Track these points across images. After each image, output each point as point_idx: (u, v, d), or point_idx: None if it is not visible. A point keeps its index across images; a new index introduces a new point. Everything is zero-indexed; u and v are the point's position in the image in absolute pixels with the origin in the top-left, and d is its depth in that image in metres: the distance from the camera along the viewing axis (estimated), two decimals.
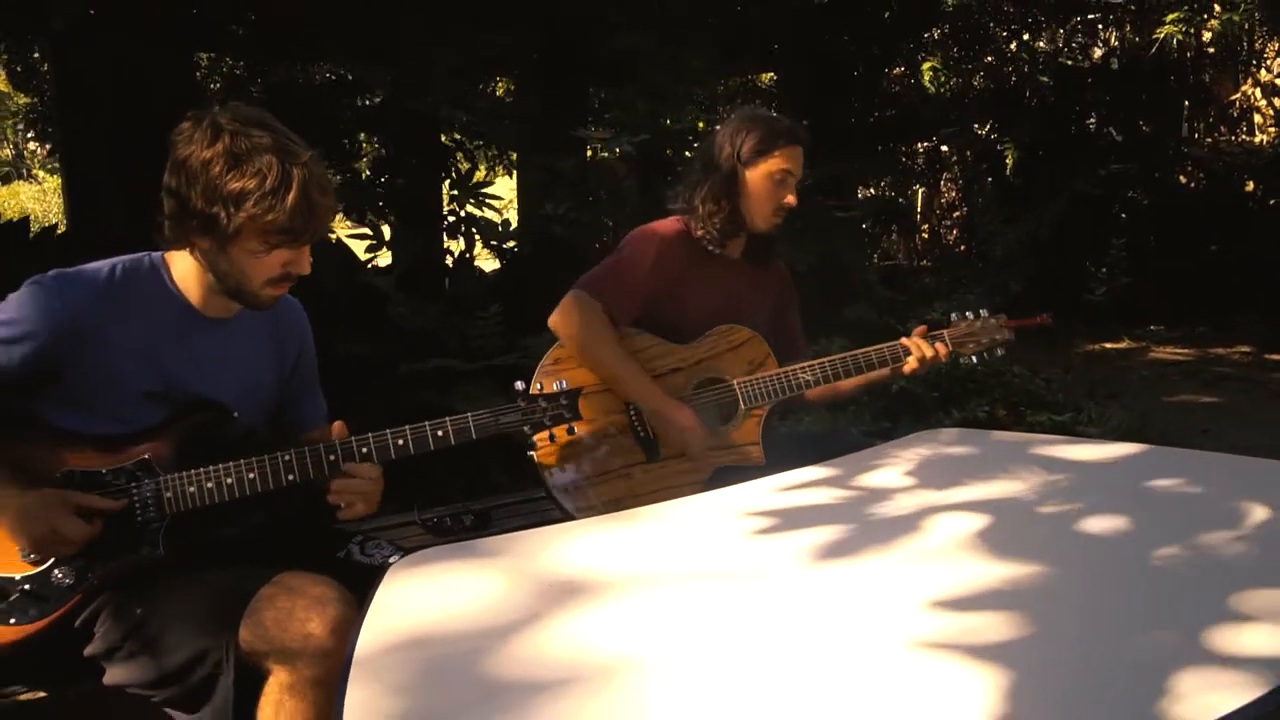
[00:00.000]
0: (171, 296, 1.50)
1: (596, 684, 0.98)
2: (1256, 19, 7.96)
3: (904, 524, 1.39)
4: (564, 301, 1.98)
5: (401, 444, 1.56)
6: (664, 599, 1.19)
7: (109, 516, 1.43)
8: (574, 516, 1.90)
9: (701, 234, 2.06)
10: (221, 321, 1.55)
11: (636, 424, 2.00)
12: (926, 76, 8.56)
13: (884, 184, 9.80)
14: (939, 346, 2.08)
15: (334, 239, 4.22)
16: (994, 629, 1.04)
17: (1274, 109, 9.74)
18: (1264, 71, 9.70)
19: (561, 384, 1.70)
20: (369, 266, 4.42)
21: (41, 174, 13.38)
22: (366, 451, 1.54)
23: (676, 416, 1.96)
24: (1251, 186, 8.91)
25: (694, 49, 5.49)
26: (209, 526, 1.53)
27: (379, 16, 5.05)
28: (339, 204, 1.50)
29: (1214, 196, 8.54)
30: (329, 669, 1.33)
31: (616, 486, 1.94)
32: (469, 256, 4.79)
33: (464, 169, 5.07)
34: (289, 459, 1.51)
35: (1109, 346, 6.82)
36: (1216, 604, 1.06)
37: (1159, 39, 7.43)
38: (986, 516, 1.39)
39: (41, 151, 17.84)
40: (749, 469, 1.95)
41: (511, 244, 4.78)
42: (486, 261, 5.08)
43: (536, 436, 1.69)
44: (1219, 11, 7.61)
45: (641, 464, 1.99)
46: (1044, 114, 8.70)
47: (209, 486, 1.48)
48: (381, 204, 5.02)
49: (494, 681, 0.99)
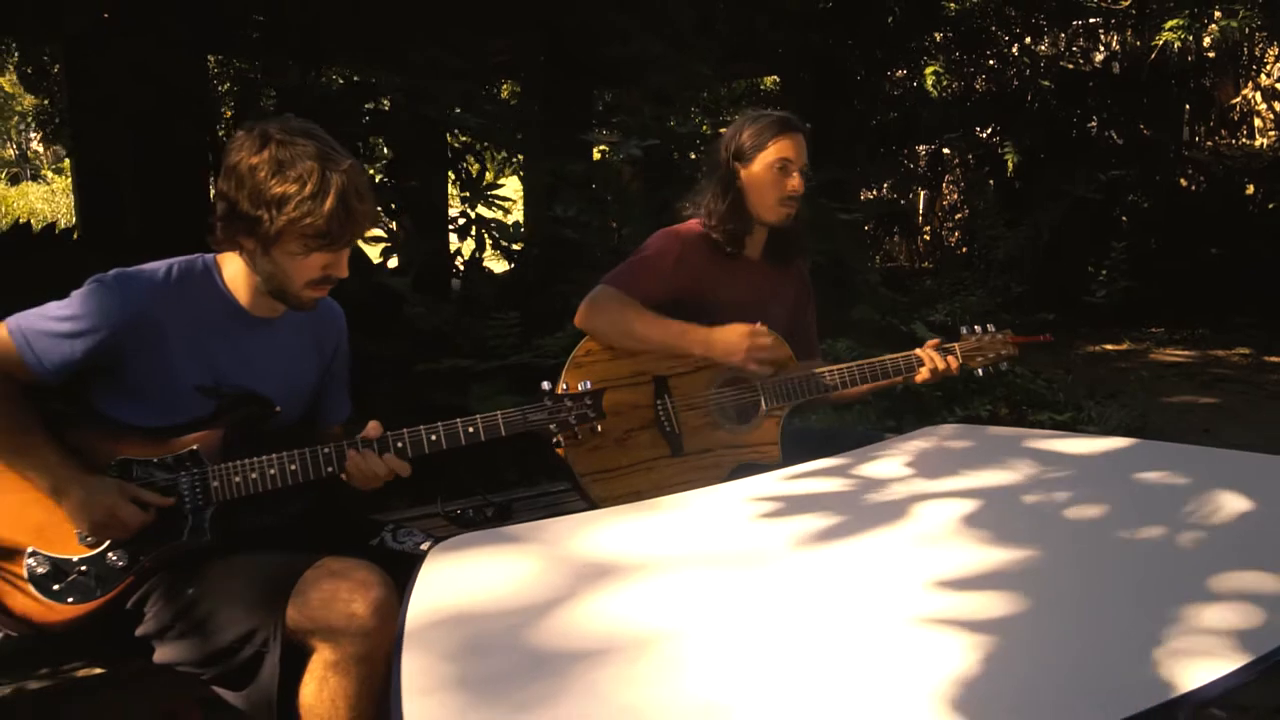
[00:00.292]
0: (222, 296, 1.58)
1: (631, 653, 1.06)
2: (1256, 24, 8.03)
3: (905, 510, 1.47)
4: (590, 296, 2.02)
5: (435, 439, 1.63)
6: (687, 578, 1.27)
7: (161, 504, 1.51)
8: (597, 507, 1.96)
9: (716, 237, 2.12)
10: (268, 321, 1.63)
11: (663, 418, 2.05)
12: (930, 81, 8.63)
13: (886, 186, 9.87)
14: (950, 359, 2.17)
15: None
16: (988, 605, 1.12)
17: (1274, 113, 9.82)
18: (1264, 76, 9.77)
19: (586, 384, 1.77)
20: (383, 268, 4.50)
21: (50, 174, 13.47)
22: (401, 446, 1.62)
23: (734, 339, 2.00)
24: (1251, 190, 8.98)
25: (699, 54, 5.57)
26: (252, 514, 1.61)
27: (386, 21, 5.13)
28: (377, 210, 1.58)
29: (1214, 200, 8.62)
30: (371, 647, 1.42)
31: (641, 479, 1.99)
32: (480, 257, 4.87)
33: (475, 171, 5.14)
34: (328, 452, 1.59)
35: (1109, 348, 6.89)
36: (1199, 584, 1.14)
37: (1159, 44, 7.51)
38: (982, 503, 1.47)
39: (46, 153, 17.96)
40: (766, 465, 2.01)
41: (518, 245, 4.85)
42: (492, 262, 5.15)
43: (563, 434, 1.76)
44: (1219, 17, 7.68)
45: (666, 457, 2.04)
46: (1045, 118, 8.79)
47: (253, 476, 1.56)
48: (393, 205, 5.10)
49: (536, 651, 1.07)
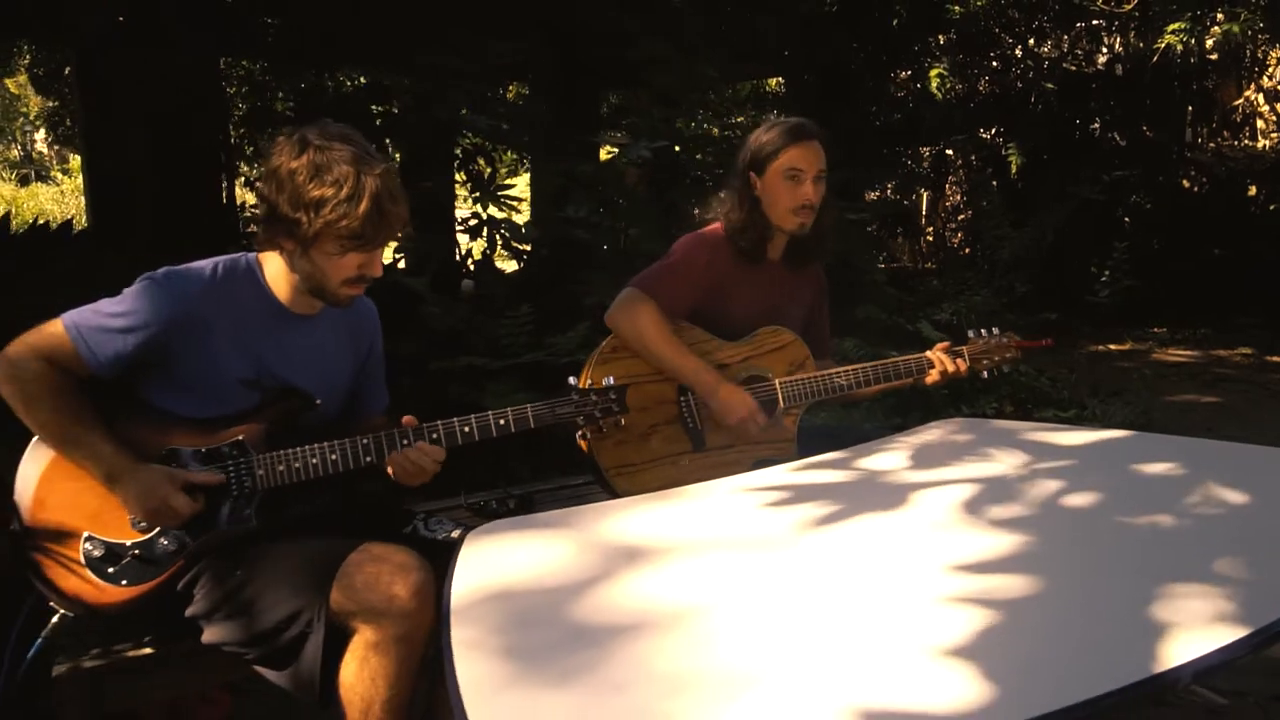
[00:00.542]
0: (264, 293, 1.66)
1: (664, 627, 1.13)
2: (1258, 27, 8.09)
3: (916, 498, 1.55)
4: (620, 299, 2.09)
5: (468, 431, 1.71)
6: (713, 560, 1.34)
7: (212, 490, 1.59)
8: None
9: (738, 244, 2.17)
10: (307, 318, 1.70)
11: (686, 414, 2.13)
12: (934, 83, 8.70)
13: (889, 187, 9.94)
14: (959, 362, 2.25)
15: None
16: (995, 583, 1.19)
17: (1276, 114, 9.87)
18: (1266, 78, 9.82)
19: (609, 380, 1.85)
20: (394, 268, 4.57)
21: (60, 175, 13.57)
22: (436, 437, 1.69)
23: (736, 404, 2.07)
24: (1254, 191, 9.05)
25: (705, 56, 5.64)
26: (294, 502, 1.68)
27: (396, 24, 5.20)
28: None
29: (1217, 201, 8.68)
30: (410, 628, 1.50)
31: (664, 473, 2.06)
32: (491, 257, 4.95)
33: (486, 173, 5.21)
34: (367, 442, 1.66)
35: (1112, 348, 6.95)
36: (1195, 565, 1.21)
37: (1162, 47, 7.57)
38: (989, 491, 1.55)
39: (50, 153, 18.04)
40: (783, 460, 2.09)
41: (526, 246, 4.91)
42: (500, 262, 5.22)
43: (588, 427, 1.83)
44: (1221, 20, 7.74)
45: (688, 452, 2.12)
46: (1049, 119, 8.86)
47: (296, 466, 1.63)
48: None
49: (576, 625, 1.15)
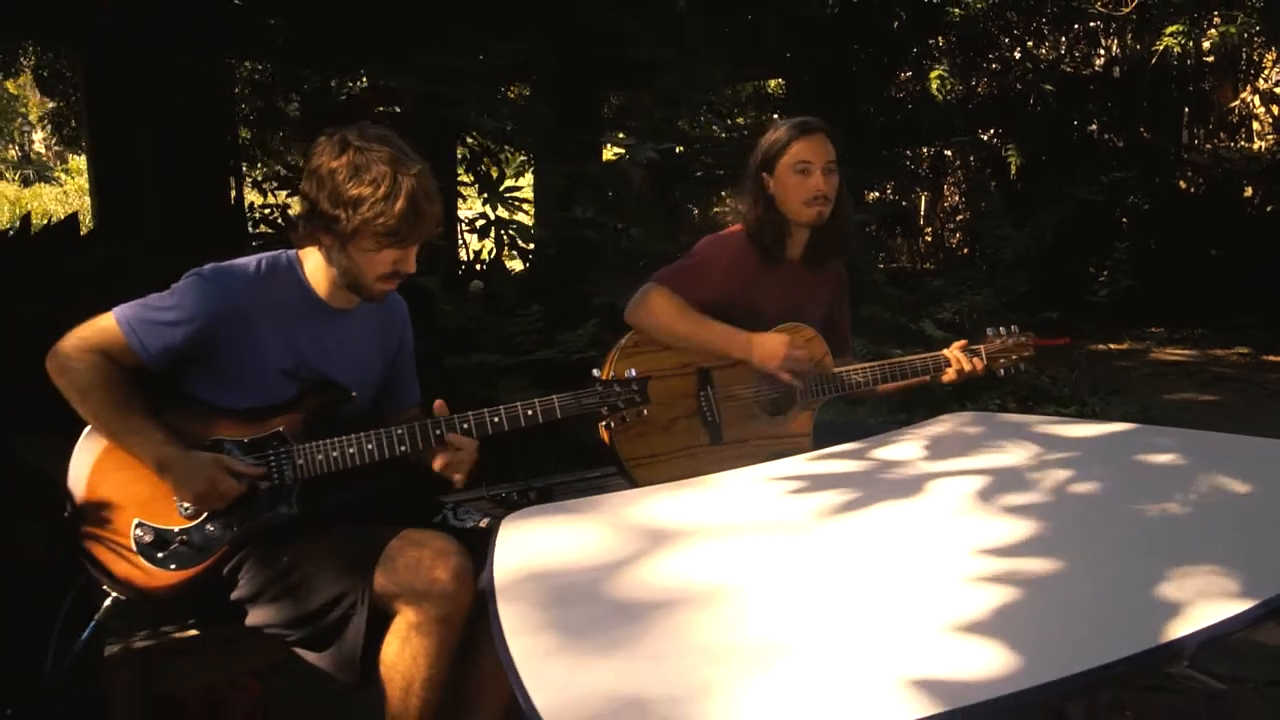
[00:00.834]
0: (303, 288, 1.73)
1: (698, 603, 1.20)
2: (1255, 30, 8.18)
3: (928, 486, 1.61)
4: (640, 294, 2.15)
5: (497, 421, 1.78)
6: (740, 542, 1.41)
7: (254, 479, 1.65)
8: None
9: (759, 243, 2.22)
10: (343, 312, 1.77)
11: (704, 408, 2.19)
12: (934, 84, 8.78)
13: (888, 188, 10.01)
14: (976, 361, 2.28)
15: None
16: (1007, 563, 1.25)
17: (1272, 116, 9.97)
18: (1262, 80, 9.92)
19: (632, 372, 1.92)
20: None
21: (63, 176, 13.61)
22: (467, 428, 1.76)
23: (772, 345, 2.11)
24: (1250, 192, 9.14)
25: (709, 59, 5.70)
26: (332, 491, 1.75)
27: (401, 26, 5.25)
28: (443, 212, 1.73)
29: (1213, 202, 8.77)
30: (451, 610, 1.57)
31: (682, 466, 2.11)
32: (501, 257, 5.02)
33: (494, 174, 5.27)
34: (401, 433, 1.73)
35: (1111, 347, 7.03)
36: (1198, 547, 1.28)
37: (1160, 49, 7.66)
38: (998, 480, 1.61)
39: (48, 154, 18.06)
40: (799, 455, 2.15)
41: (530, 245, 4.98)
42: (506, 262, 5.28)
43: (612, 417, 1.90)
44: (1218, 23, 7.84)
45: (706, 445, 2.18)
46: (1047, 120, 8.95)
47: (334, 455, 1.70)
48: None
49: (614, 602, 1.21)
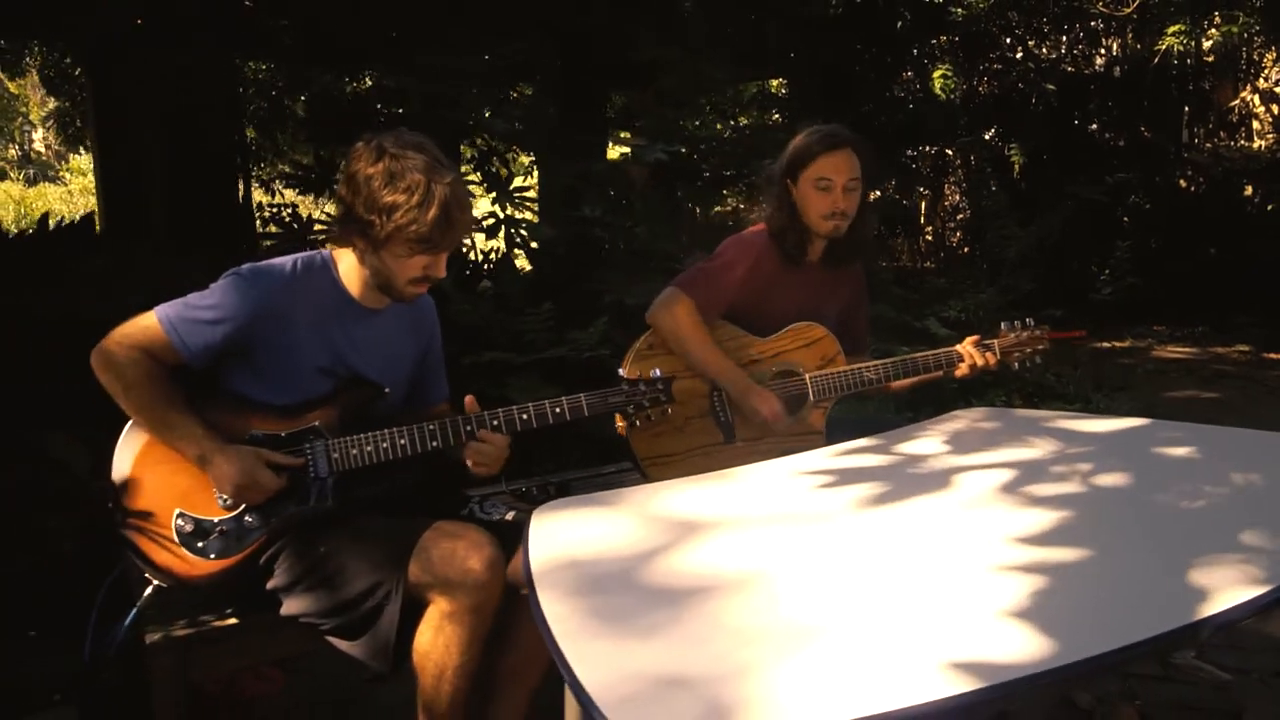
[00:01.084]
0: (338, 288, 1.78)
1: (730, 589, 1.25)
2: (1255, 29, 8.23)
3: (949, 478, 1.66)
4: (661, 298, 2.20)
5: (526, 418, 1.83)
6: (765, 532, 1.46)
7: (291, 472, 1.70)
8: None
9: (780, 246, 2.26)
10: (375, 311, 1.82)
11: (718, 409, 2.24)
12: (937, 84, 8.83)
13: (889, 187, 10.05)
14: (989, 355, 2.31)
15: None
16: (1030, 550, 1.30)
17: (1272, 115, 10.01)
18: (1262, 79, 9.97)
19: (657, 372, 1.96)
20: None
21: (67, 175, 13.65)
22: (496, 424, 1.81)
23: (761, 404, 2.18)
24: (1250, 191, 9.18)
25: (713, 60, 5.75)
26: (364, 485, 1.80)
27: (400, 25, 5.29)
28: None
29: (1213, 201, 8.82)
30: (483, 599, 1.62)
31: (696, 464, 2.16)
32: (511, 256, 5.07)
33: (503, 174, 5.33)
34: (433, 428, 1.78)
35: (1114, 345, 7.09)
36: (1214, 536, 1.33)
37: (1162, 49, 7.71)
38: (1017, 472, 1.66)
39: (48, 153, 18.09)
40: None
41: (534, 244, 5.02)
42: (515, 261, 5.33)
43: (637, 416, 1.95)
44: (1219, 23, 7.88)
45: (719, 445, 2.23)
46: (1049, 120, 8.99)
47: (368, 449, 1.75)
48: None
49: (649, 588, 1.26)
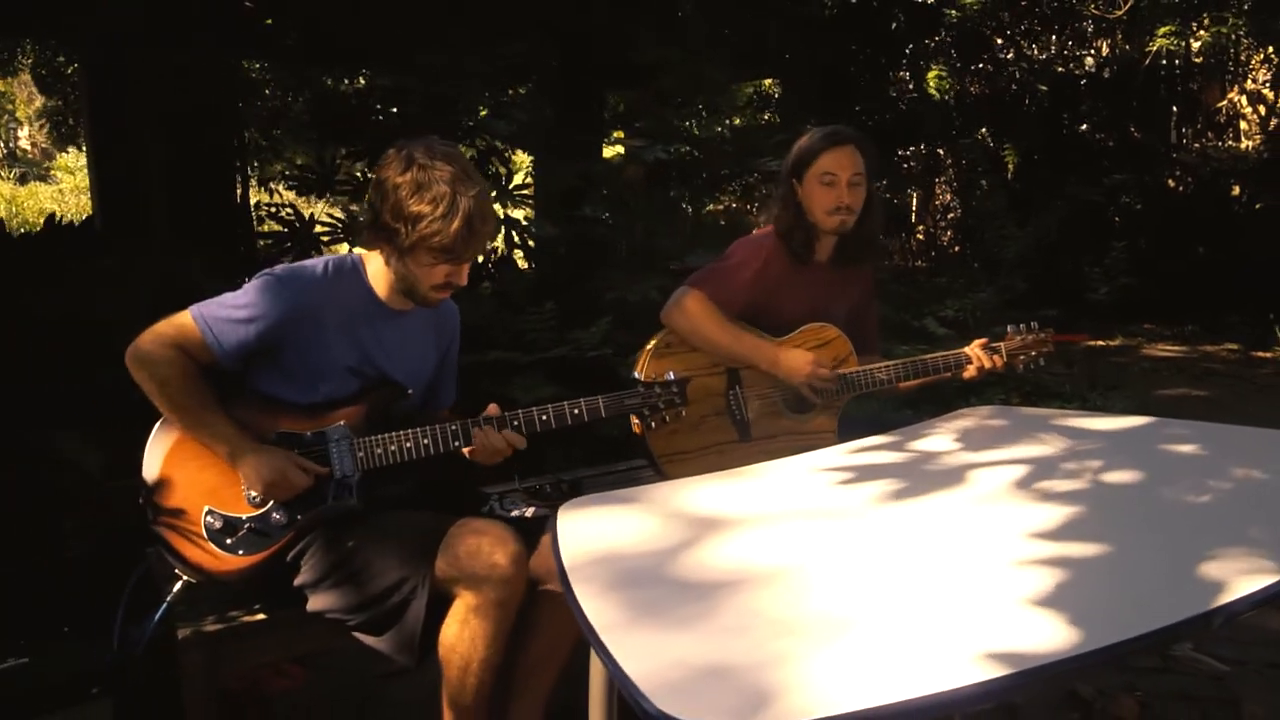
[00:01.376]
0: (366, 289, 1.81)
1: (761, 581, 1.28)
2: (1243, 30, 8.32)
3: (962, 475, 1.69)
4: (675, 297, 2.23)
5: (545, 419, 1.86)
6: (790, 527, 1.49)
7: (320, 472, 1.73)
8: None
9: (789, 246, 2.29)
10: (401, 314, 1.85)
11: (733, 406, 2.28)
12: (932, 84, 8.90)
13: (880, 186, 10.10)
14: (996, 358, 2.34)
15: None
16: (1043, 545, 1.33)
17: (1259, 116, 10.12)
18: (1250, 80, 10.07)
19: (671, 375, 2.00)
20: None
21: (59, 174, 13.59)
22: (517, 424, 1.84)
23: (798, 363, 2.20)
24: (1237, 191, 9.29)
25: (711, 60, 5.78)
26: (388, 483, 1.83)
27: (406, 26, 5.30)
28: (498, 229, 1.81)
29: (1202, 201, 8.91)
30: (509, 594, 1.65)
31: (711, 462, 2.18)
32: (511, 256, 5.10)
33: (502, 174, 5.35)
34: (455, 428, 1.81)
35: (1107, 344, 7.17)
36: (1220, 529, 1.37)
37: (1152, 50, 7.79)
38: (1027, 469, 1.69)
39: (34, 151, 17.95)
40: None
41: (531, 242, 5.04)
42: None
43: (653, 417, 1.98)
44: (1208, 24, 7.98)
45: (734, 442, 2.27)
46: (1041, 120, 9.07)
47: (393, 449, 1.78)
48: None
49: (681, 581, 1.29)
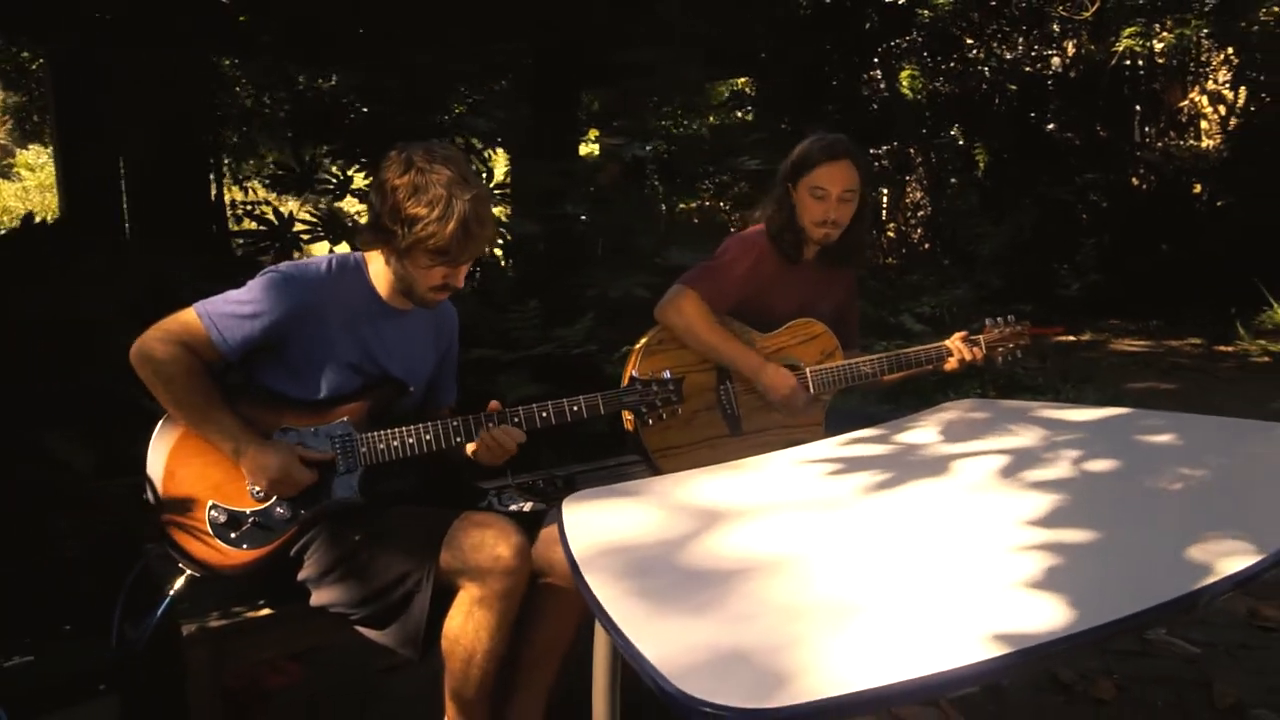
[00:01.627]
0: (368, 288, 1.83)
1: (768, 570, 1.32)
2: (1205, 32, 8.52)
3: (952, 463, 1.75)
4: (669, 295, 2.27)
5: (545, 416, 1.89)
6: (790, 517, 1.53)
7: (321, 466, 1.75)
8: None
9: (778, 243, 2.34)
10: (402, 312, 1.87)
11: (724, 401, 2.32)
12: (905, 84, 9.01)
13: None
14: (975, 350, 2.40)
15: None
16: (1031, 530, 1.38)
17: (1219, 115, 10.36)
18: (1211, 81, 10.30)
19: (667, 374, 2.03)
20: None
21: (23, 172, 13.35)
22: (517, 421, 1.87)
23: (776, 381, 2.25)
24: (1199, 189, 9.50)
25: (687, 59, 5.83)
26: (390, 478, 1.85)
27: (386, 25, 5.29)
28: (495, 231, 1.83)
29: (1165, 199, 9.12)
30: (512, 585, 1.68)
31: (704, 456, 2.23)
32: (493, 254, 5.10)
33: (482, 173, 5.36)
34: (456, 424, 1.84)
35: (1077, 339, 7.31)
36: (1198, 513, 1.43)
37: (1119, 51, 7.95)
38: (1011, 459, 1.74)
39: None
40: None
41: (508, 236, 5.04)
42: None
43: (650, 415, 2.01)
44: (1171, 26, 8.16)
45: (726, 436, 2.31)
46: (1011, 119, 9.23)
47: (395, 445, 1.80)
48: None
49: (691, 570, 1.33)
